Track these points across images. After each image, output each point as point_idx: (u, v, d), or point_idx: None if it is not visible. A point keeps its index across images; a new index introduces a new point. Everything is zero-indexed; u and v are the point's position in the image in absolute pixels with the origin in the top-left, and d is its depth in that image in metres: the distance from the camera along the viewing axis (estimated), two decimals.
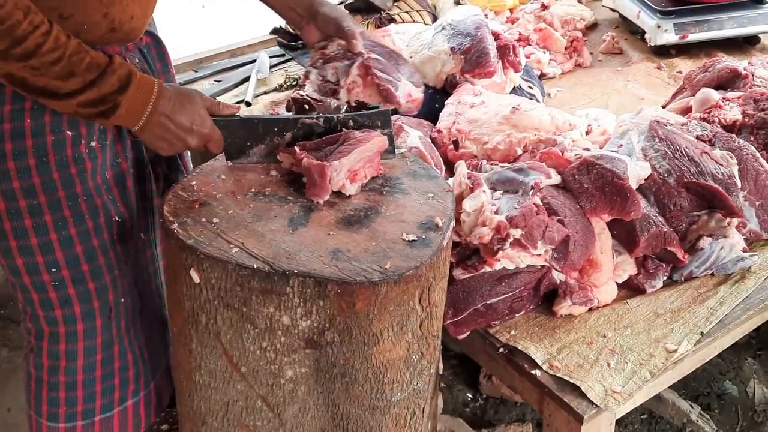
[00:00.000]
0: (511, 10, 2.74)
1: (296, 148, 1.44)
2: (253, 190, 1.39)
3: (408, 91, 1.68)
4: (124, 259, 1.55)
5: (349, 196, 1.40)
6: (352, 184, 1.41)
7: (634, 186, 1.59)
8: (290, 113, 2.17)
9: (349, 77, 1.66)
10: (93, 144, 1.46)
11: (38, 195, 1.42)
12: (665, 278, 1.66)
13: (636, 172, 1.61)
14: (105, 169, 1.50)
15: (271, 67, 2.64)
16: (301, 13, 1.70)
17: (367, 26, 2.53)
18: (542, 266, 1.55)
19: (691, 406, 2.24)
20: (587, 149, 1.68)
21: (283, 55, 2.66)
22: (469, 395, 2.37)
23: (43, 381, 1.56)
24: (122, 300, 1.55)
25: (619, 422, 1.52)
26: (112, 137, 1.51)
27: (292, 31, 2.55)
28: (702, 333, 1.53)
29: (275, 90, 2.45)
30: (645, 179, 1.64)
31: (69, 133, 1.43)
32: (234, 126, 1.48)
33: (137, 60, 1.56)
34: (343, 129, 1.48)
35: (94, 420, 1.57)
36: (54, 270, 1.47)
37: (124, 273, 1.55)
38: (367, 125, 1.49)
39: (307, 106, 2.14)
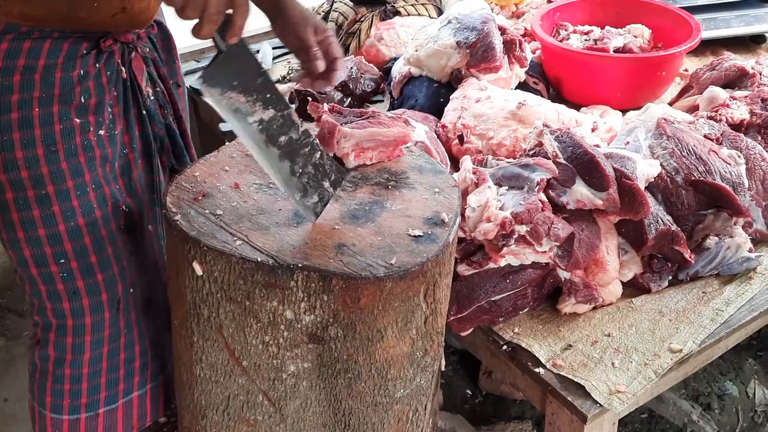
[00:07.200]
0: (516, 5, 2.73)
1: (324, 105, 1.46)
2: (257, 182, 1.38)
3: None
4: (132, 249, 1.52)
5: (352, 176, 1.40)
6: (355, 158, 1.42)
7: (643, 185, 1.58)
8: (293, 105, 2.16)
9: None
10: (101, 133, 1.44)
11: (47, 185, 1.40)
12: (670, 278, 1.65)
13: (645, 170, 1.59)
14: (115, 158, 1.48)
15: (274, 58, 2.62)
16: (267, 7, 1.53)
17: (372, 19, 2.51)
18: (547, 264, 1.54)
19: (692, 406, 2.23)
20: (597, 146, 1.66)
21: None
22: (469, 392, 2.36)
23: (48, 372, 1.53)
24: (131, 290, 1.53)
25: (619, 422, 1.51)
26: (121, 127, 1.49)
27: None
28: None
29: (278, 82, 2.43)
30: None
31: (77, 120, 1.40)
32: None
33: (148, 50, 1.54)
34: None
35: (98, 412, 1.55)
36: (62, 261, 1.45)
37: (132, 263, 1.52)
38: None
39: (310, 98, 2.13)
